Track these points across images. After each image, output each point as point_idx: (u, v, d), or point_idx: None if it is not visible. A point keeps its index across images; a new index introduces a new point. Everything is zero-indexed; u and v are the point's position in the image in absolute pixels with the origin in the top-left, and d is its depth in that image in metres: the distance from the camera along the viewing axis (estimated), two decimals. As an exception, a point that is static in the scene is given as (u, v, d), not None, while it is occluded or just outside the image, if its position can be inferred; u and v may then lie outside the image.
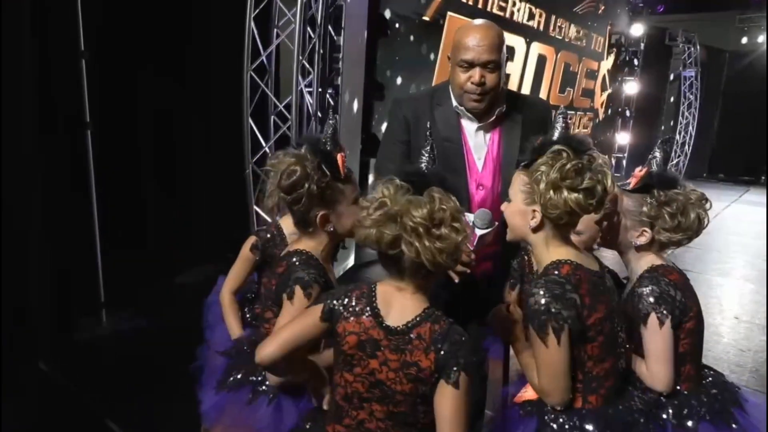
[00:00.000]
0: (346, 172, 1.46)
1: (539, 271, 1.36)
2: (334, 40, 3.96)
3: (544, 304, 1.25)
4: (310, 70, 3.60)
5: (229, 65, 3.68)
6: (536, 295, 1.27)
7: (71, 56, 3.11)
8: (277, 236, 1.89)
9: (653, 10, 10.96)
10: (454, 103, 1.93)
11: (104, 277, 3.40)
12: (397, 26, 5.10)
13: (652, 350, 1.41)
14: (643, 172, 1.51)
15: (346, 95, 4.14)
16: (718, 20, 12.52)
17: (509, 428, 1.38)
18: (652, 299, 1.41)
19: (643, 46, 10.35)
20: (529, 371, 1.36)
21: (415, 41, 5.45)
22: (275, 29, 3.74)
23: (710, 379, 1.52)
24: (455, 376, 1.14)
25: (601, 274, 1.36)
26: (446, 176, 1.25)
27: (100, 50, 3.23)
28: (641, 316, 1.41)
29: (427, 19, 5.52)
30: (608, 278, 1.40)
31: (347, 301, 1.22)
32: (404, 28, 5.27)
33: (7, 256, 2.87)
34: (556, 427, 1.30)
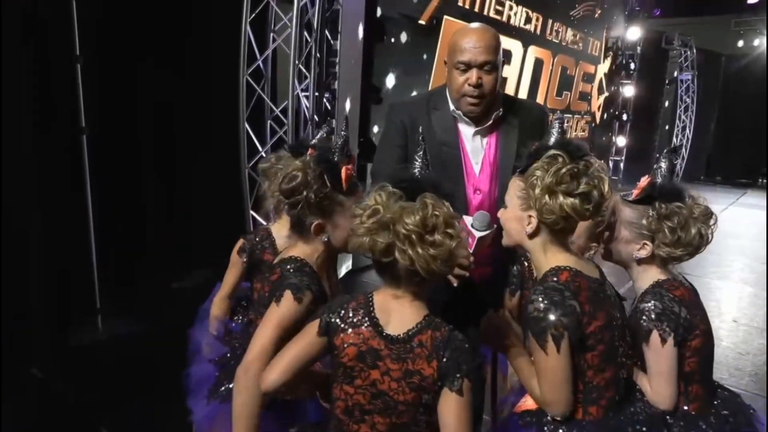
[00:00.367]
0: (350, 185, 1.44)
1: (538, 277, 1.33)
2: (330, 44, 3.96)
3: (543, 310, 1.22)
4: (306, 74, 3.59)
5: (225, 70, 3.67)
6: (535, 302, 1.24)
7: (67, 61, 3.10)
8: (265, 240, 1.86)
9: (649, 13, 11.01)
10: (451, 107, 1.92)
11: (100, 281, 3.38)
12: (393, 30, 5.10)
13: (654, 368, 1.37)
14: (646, 182, 1.47)
15: (343, 100, 4.13)
16: (714, 24, 12.57)
17: None
18: (653, 315, 1.37)
19: (639, 49, 10.39)
20: (528, 381, 1.32)
21: (411, 45, 5.45)
22: (271, 33, 3.72)
23: (722, 399, 1.46)
24: (459, 383, 1.13)
25: (601, 281, 1.34)
26: (440, 181, 1.23)
27: (96, 55, 3.22)
28: (643, 333, 1.38)
29: (422, 22, 5.52)
30: (609, 285, 1.37)
31: (344, 313, 1.20)
32: (400, 31, 5.27)
33: (4, 259, 2.85)
34: None
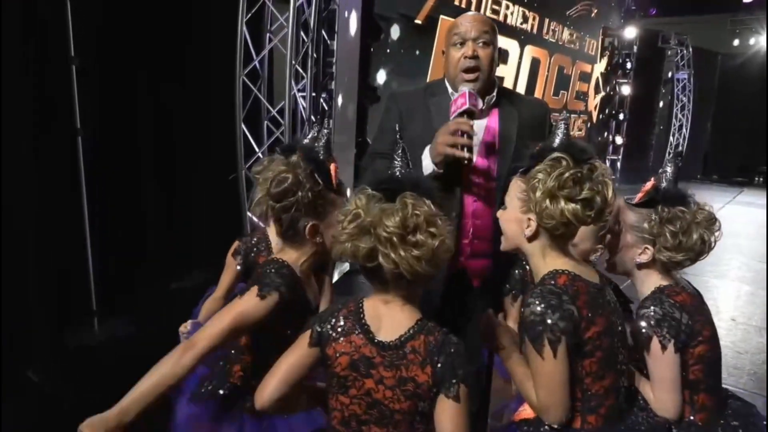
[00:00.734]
0: (337, 183, 1.41)
1: (536, 281, 1.30)
2: (327, 44, 3.94)
3: (539, 314, 1.19)
4: (303, 74, 3.57)
5: (221, 70, 3.65)
6: (531, 305, 1.20)
7: (62, 62, 3.08)
8: (262, 243, 1.83)
9: (645, 13, 11.02)
10: (449, 89, 1.90)
11: (96, 282, 3.36)
12: (389, 30, 5.09)
13: (656, 376, 1.34)
14: (650, 186, 1.45)
15: (339, 99, 4.12)
16: (710, 23, 12.59)
17: None
18: (653, 321, 1.34)
19: (636, 48, 10.40)
20: (524, 387, 1.28)
21: (407, 44, 5.44)
22: (268, 34, 3.71)
23: (733, 410, 1.42)
24: (455, 389, 1.10)
25: (600, 286, 1.30)
26: (421, 179, 1.20)
27: (93, 57, 3.20)
28: (643, 339, 1.35)
29: (419, 22, 5.52)
30: (609, 291, 1.33)
31: (334, 321, 1.17)
32: (396, 31, 5.27)
33: (2, 261, 2.83)
34: None
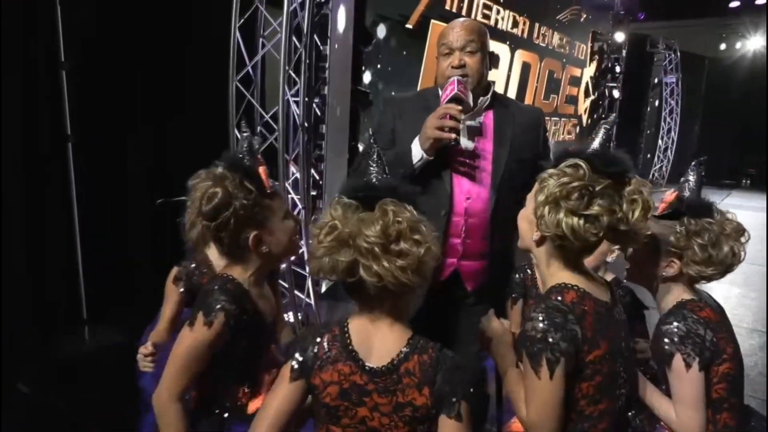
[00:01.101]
0: (270, 185, 1.34)
1: (542, 290, 1.26)
2: (320, 49, 3.93)
3: (541, 331, 1.12)
4: (296, 79, 3.56)
5: (213, 75, 3.63)
6: (534, 320, 1.13)
7: (53, 67, 3.05)
8: (202, 265, 1.74)
9: (634, 17, 11.12)
10: (440, 94, 1.91)
11: (87, 291, 3.32)
12: (380, 34, 5.10)
13: (678, 395, 1.29)
14: (673, 196, 1.40)
15: (333, 105, 4.11)
16: (697, 27, 12.73)
17: None
18: (676, 338, 1.29)
19: (624, 53, 10.48)
20: (516, 399, 1.24)
21: (398, 49, 5.45)
22: (261, 39, 3.69)
23: (755, 429, 1.38)
24: (456, 407, 1.04)
25: (610, 305, 1.23)
26: (398, 184, 1.13)
27: (85, 61, 3.17)
28: (665, 356, 1.29)
29: (410, 26, 5.53)
30: (618, 311, 1.26)
31: (317, 349, 1.09)
32: (388, 35, 5.27)
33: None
34: None
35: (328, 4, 3.81)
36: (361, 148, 4.51)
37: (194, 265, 1.74)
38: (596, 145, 1.23)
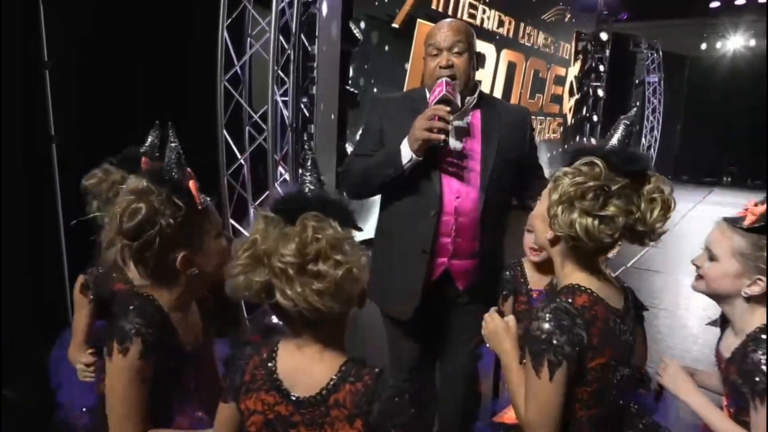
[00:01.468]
0: (202, 201, 1.22)
1: (557, 287, 1.23)
2: (307, 49, 3.92)
3: (546, 332, 1.09)
4: (285, 79, 3.54)
5: (200, 75, 3.60)
6: (541, 320, 1.11)
7: (35, 67, 2.99)
8: (111, 270, 1.59)
9: (617, 17, 11.25)
10: (428, 96, 1.91)
11: (72, 297, 3.26)
12: (367, 34, 5.09)
13: None
14: (763, 207, 1.27)
15: (321, 105, 4.10)
16: (678, 27, 12.93)
17: None
18: None
19: (608, 52, 10.59)
20: (516, 395, 1.21)
21: (385, 48, 5.45)
22: (249, 39, 3.67)
23: None
24: None
25: (623, 313, 1.19)
26: (332, 198, 1.01)
27: (70, 61, 3.12)
28: (756, 390, 1.17)
29: (396, 26, 5.53)
30: (630, 318, 1.22)
31: (245, 373, 1.01)
32: (374, 35, 5.27)
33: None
34: None
35: (315, 3, 3.79)
36: (349, 148, 4.50)
37: (101, 269, 1.61)
38: (615, 141, 1.14)
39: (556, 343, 1.08)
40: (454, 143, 1.80)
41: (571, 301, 1.13)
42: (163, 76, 3.50)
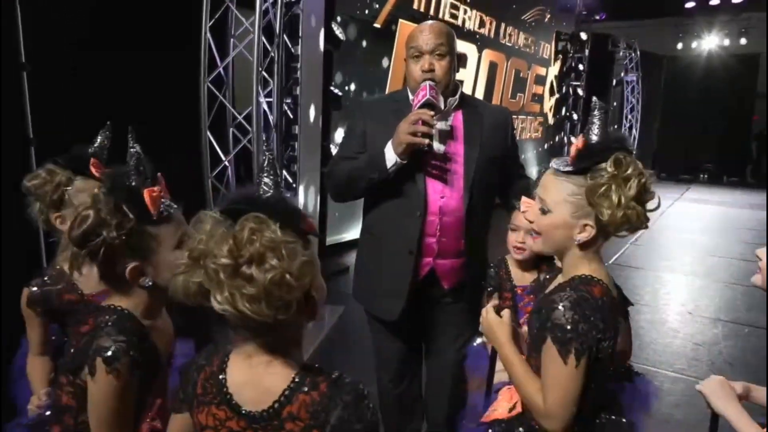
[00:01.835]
0: (161, 210, 1.15)
1: (560, 277, 1.27)
2: (290, 50, 3.91)
3: (572, 321, 1.13)
4: (269, 80, 3.53)
5: (183, 76, 3.56)
6: (565, 309, 1.14)
7: (13, 69, 2.94)
8: (60, 279, 1.51)
9: (596, 17, 11.41)
10: (410, 97, 1.94)
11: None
12: (349, 34, 5.10)
13: None
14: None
15: (305, 105, 4.09)
16: (655, 27, 13.15)
17: None
18: None
19: (587, 52, 10.73)
20: (527, 388, 1.23)
21: (367, 48, 5.47)
22: (232, 39, 3.65)
23: None
24: None
25: (618, 300, 1.26)
26: (286, 203, 0.95)
27: (49, 63, 3.07)
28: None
29: (378, 26, 5.55)
30: (619, 303, 1.29)
31: (195, 386, 0.97)
32: (356, 35, 5.28)
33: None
34: None
35: (298, 4, 3.79)
36: (333, 149, 4.50)
37: (47, 279, 1.52)
38: (597, 131, 1.20)
39: (581, 331, 1.13)
40: (437, 145, 1.82)
41: (587, 290, 1.17)
42: (145, 77, 3.47)
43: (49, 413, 1.27)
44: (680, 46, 13.68)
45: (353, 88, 5.38)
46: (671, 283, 5.40)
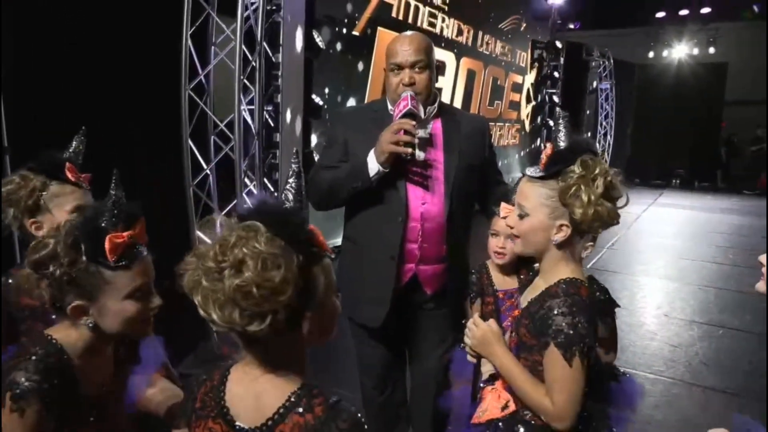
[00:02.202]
0: (121, 257, 1.10)
1: (539, 280, 1.33)
2: (270, 57, 3.90)
3: (572, 324, 1.20)
4: (250, 88, 3.52)
5: (163, 84, 3.53)
6: (564, 315, 1.21)
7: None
8: (22, 282, 1.41)
9: (571, 26, 11.63)
10: (390, 107, 1.98)
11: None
12: (328, 42, 5.12)
13: None
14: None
15: (286, 113, 4.09)
16: (627, 36, 13.47)
17: None
18: None
19: (562, 60, 10.92)
20: (533, 393, 1.27)
21: (346, 56, 5.49)
22: (213, 47, 3.63)
23: None
24: None
25: (604, 300, 1.37)
26: (283, 212, 0.93)
27: (24, 70, 3.02)
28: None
29: (356, 33, 5.57)
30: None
31: (196, 400, 0.97)
32: (335, 43, 5.30)
33: None
34: None
35: (279, 12, 3.80)
36: (316, 156, 4.50)
37: (10, 281, 1.47)
38: (564, 138, 1.28)
39: (583, 332, 1.20)
40: (417, 153, 1.86)
41: (579, 293, 1.24)
42: (125, 85, 3.44)
43: None
44: (651, 54, 14.03)
45: (331, 95, 5.40)
46: (647, 286, 5.50)
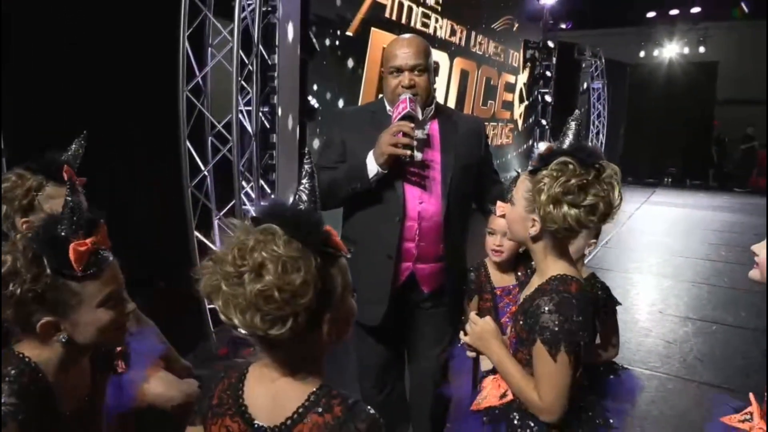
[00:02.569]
0: (87, 266, 1.05)
1: (535, 276, 1.36)
2: (266, 58, 3.92)
3: (558, 321, 1.24)
4: (246, 89, 3.53)
5: (160, 85, 3.54)
6: (551, 313, 1.25)
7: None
8: None
9: (563, 26, 11.69)
10: (388, 108, 2.00)
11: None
12: (322, 42, 5.13)
13: None
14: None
15: (282, 114, 4.11)
16: (618, 36, 13.56)
17: None
18: None
19: (554, 60, 10.98)
20: (523, 387, 1.31)
21: (339, 57, 5.50)
22: (210, 48, 3.64)
23: None
24: None
25: (594, 294, 1.38)
26: (313, 219, 0.91)
27: (19, 69, 3.02)
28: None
29: (350, 34, 5.59)
30: (594, 295, 1.40)
31: (213, 397, 0.96)
32: (329, 43, 5.31)
33: None
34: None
35: (275, 13, 3.81)
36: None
37: None
38: (570, 140, 1.31)
39: (568, 329, 1.23)
40: (415, 153, 1.88)
41: (568, 290, 1.27)
42: (123, 87, 3.44)
43: None
44: (642, 54, 14.13)
45: (326, 95, 5.41)
46: (641, 283, 5.55)
